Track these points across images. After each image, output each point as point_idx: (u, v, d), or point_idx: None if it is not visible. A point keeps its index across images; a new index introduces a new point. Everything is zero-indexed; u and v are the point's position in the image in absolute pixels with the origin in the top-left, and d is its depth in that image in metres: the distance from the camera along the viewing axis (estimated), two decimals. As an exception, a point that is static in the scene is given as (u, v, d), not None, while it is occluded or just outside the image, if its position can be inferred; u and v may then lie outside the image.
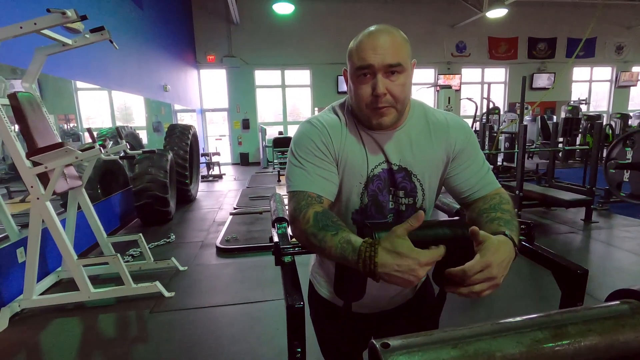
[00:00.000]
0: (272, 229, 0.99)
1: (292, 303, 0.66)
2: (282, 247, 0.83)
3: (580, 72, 11.80)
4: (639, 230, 3.70)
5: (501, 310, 2.31)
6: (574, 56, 6.65)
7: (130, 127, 4.65)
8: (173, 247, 3.61)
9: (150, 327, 2.22)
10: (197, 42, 9.75)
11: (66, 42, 2.41)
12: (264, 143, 9.61)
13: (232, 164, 10.61)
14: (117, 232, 4.11)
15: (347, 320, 0.95)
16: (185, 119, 9.29)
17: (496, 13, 8.58)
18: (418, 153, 0.83)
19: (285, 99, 10.70)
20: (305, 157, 0.80)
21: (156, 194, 4.15)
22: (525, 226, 0.87)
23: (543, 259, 0.79)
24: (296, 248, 0.83)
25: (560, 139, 7.82)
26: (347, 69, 0.81)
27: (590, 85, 11.96)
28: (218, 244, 3.52)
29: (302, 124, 0.86)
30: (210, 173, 8.32)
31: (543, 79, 11.30)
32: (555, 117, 10.57)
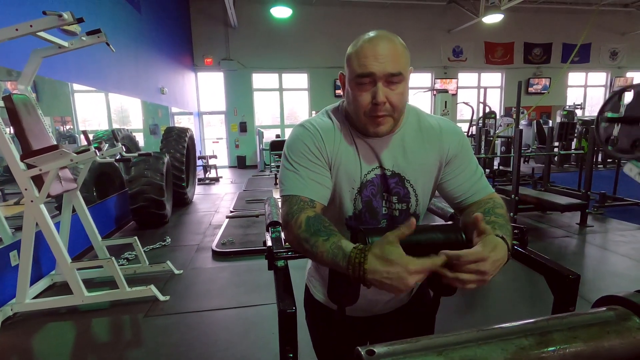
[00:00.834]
0: (266, 233, 0.98)
1: (284, 308, 0.65)
2: (275, 251, 0.82)
3: (575, 77, 11.91)
4: (633, 234, 3.72)
5: (497, 315, 2.31)
6: (569, 61, 6.72)
7: (127, 130, 4.64)
8: (169, 250, 3.59)
9: (144, 331, 2.20)
10: (194, 45, 9.76)
11: (62, 45, 2.41)
12: (261, 146, 9.61)
13: (229, 167, 10.59)
14: (112, 235, 4.09)
15: (342, 324, 0.95)
16: (182, 121, 9.28)
17: (492, 18, 8.65)
18: (411, 159, 0.83)
19: (283, 103, 10.71)
20: (299, 161, 0.80)
21: (152, 196, 4.13)
22: (518, 231, 0.87)
23: (535, 263, 0.79)
24: (289, 253, 0.82)
25: (556, 143, 7.86)
26: (345, 73, 0.79)
27: (585, 90, 12.08)
28: (214, 247, 3.51)
29: (295, 127, 0.85)
30: (207, 176, 8.30)
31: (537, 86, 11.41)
32: (550, 121, 10.64)
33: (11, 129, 2.32)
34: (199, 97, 10.25)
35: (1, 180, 2.89)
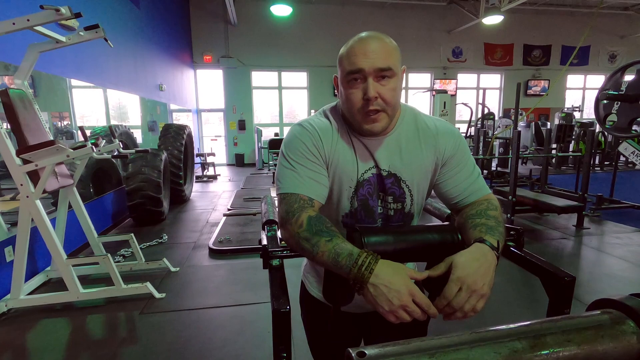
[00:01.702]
0: (262, 232, 0.98)
1: (278, 307, 0.65)
2: (270, 250, 0.82)
3: (574, 79, 11.94)
4: (629, 237, 3.74)
5: (492, 316, 2.31)
6: (568, 63, 6.73)
7: (125, 126, 4.62)
8: (165, 247, 3.58)
9: (139, 328, 2.20)
10: (194, 42, 9.72)
11: (60, 40, 2.39)
12: (260, 144, 9.60)
13: (227, 164, 10.57)
14: (108, 231, 4.07)
15: (338, 321, 0.95)
16: (181, 118, 9.24)
17: (492, 20, 8.66)
18: (407, 159, 0.83)
19: (282, 101, 10.69)
20: (297, 159, 0.80)
21: (149, 193, 4.12)
22: (514, 232, 0.87)
23: (531, 265, 0.79)
24: (285, 251, 0.82)
25: (554, 145, 7.89)
26: (338, 75, 0.81)
27: (583, 92, 12.11)
28: (211, 245, 3.50)
29: (293, 126, 0.86)
30: (205, 173, 8.28)
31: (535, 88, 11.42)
32: (549, 123, 10.69)
33: (7, 123, 2.31)
34: (198, 94, 10.21)
35: (-3, 175, 2.86)
